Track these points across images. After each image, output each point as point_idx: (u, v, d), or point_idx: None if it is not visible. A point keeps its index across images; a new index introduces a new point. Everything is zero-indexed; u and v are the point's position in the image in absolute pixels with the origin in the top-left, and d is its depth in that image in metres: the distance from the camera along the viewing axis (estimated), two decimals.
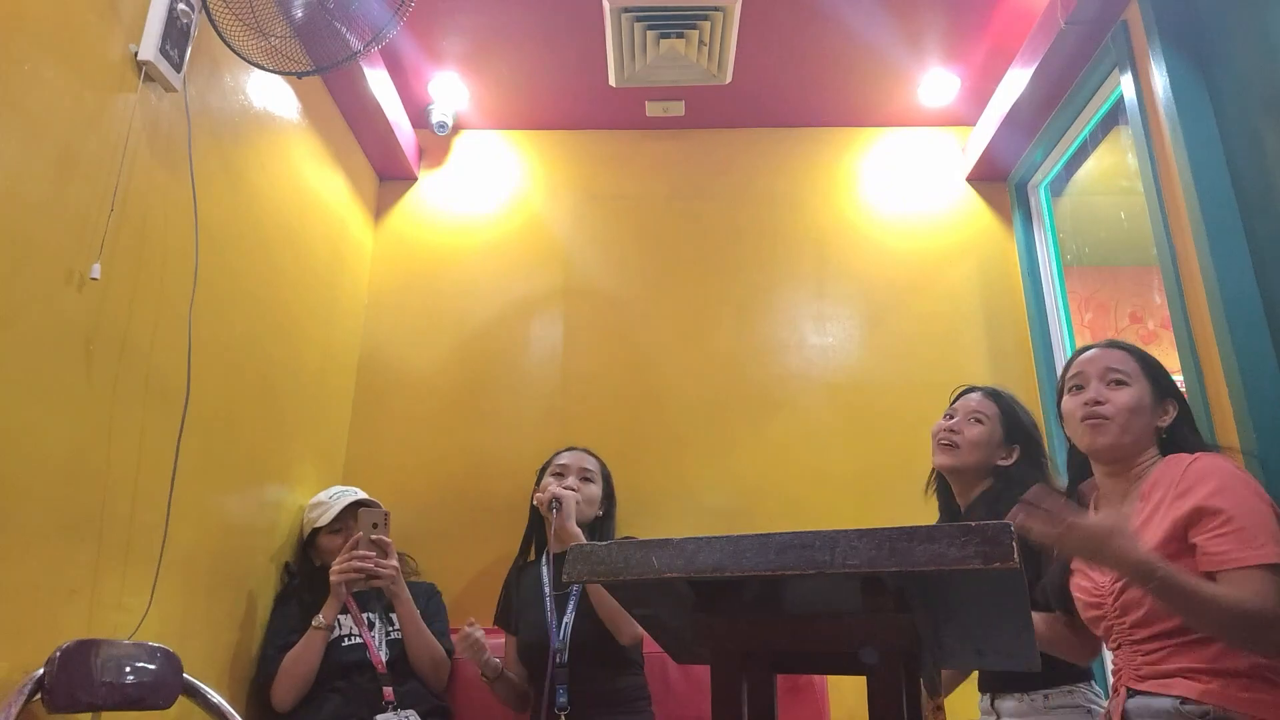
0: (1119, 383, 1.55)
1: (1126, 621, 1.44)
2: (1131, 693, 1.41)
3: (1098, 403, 1.54)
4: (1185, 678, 1.35)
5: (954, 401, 2.04)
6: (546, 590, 2.09)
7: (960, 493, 1.95)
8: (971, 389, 2.03)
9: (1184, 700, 1.32)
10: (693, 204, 3.09)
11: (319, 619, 2.05)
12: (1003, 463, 1.90)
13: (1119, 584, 1.45)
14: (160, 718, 1.67)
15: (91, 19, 1.58)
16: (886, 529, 0.85)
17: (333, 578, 2.07)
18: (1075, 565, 1.58)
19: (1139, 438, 1.53)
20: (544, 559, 2.17)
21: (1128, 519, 1.44)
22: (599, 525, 2.26)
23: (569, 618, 2.04)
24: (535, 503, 2.16)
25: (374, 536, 2.10)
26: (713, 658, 0.94)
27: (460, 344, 2.91)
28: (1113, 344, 1.63)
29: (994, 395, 1.98)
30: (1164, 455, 1.53)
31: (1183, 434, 1.55)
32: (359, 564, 2.07)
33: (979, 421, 1.93)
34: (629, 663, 2.08)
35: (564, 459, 2.29)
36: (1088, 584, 1.54)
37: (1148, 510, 1.46)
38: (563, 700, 1.92)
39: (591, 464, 2.30)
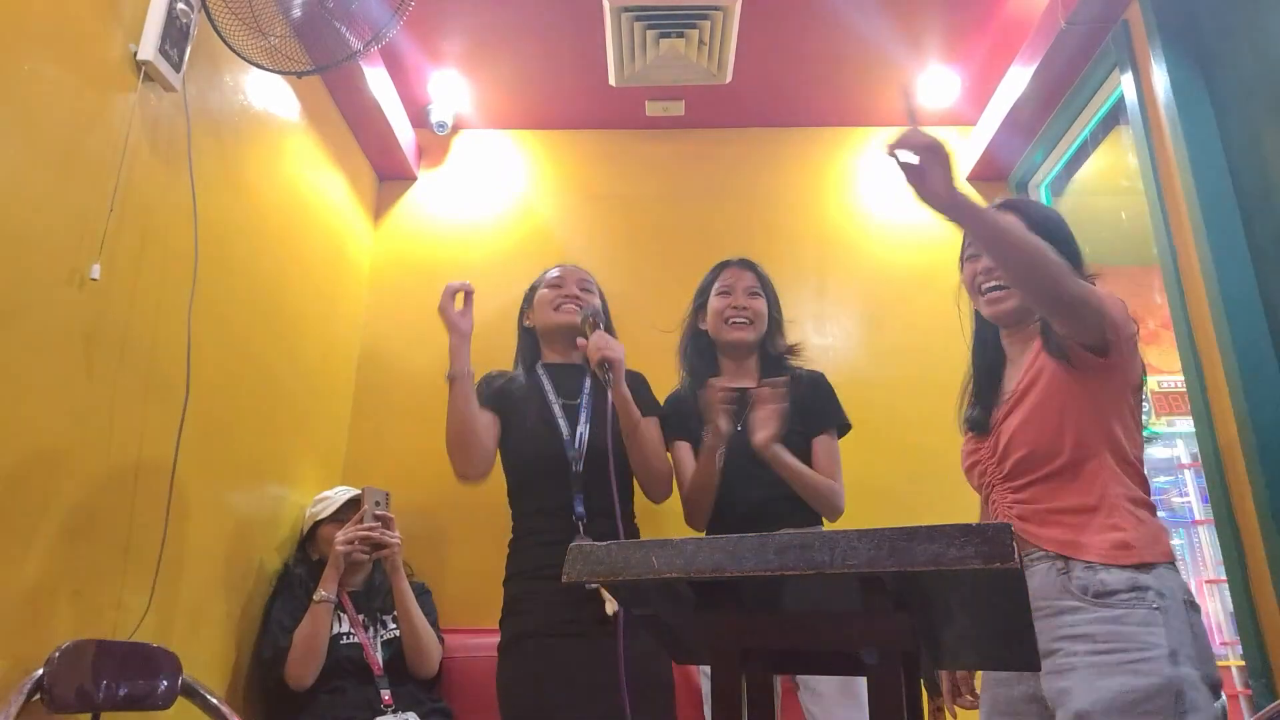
0: None
1: (1005, 467, 1.45)
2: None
3: (991, 270, 1.53)
4: (1058, 525, 1.36)
5: None
6: (552, 399, 1.97)
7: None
8: None
9: (1061, 560, 1.32)
10: (692, 204, 3.09)
11: (320, 593, 2.08)
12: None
13: (1001, 434, 1.47)
14: (159, 718, 1.67)
15: (91, 19, 1.58)
16: (886, 529, 0.85)
17: (338, 547, 2.09)
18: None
19: None
20: (539, 370, 2.03)
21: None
22: None
23: (583, 428, 1.93)
24: (584, 360, 1.94)
25: (378, 512, 2.15)
26: (713, 658, 0.94)
27: None
28: (994, 205, 1.59)
29: None
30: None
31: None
32: (365, 533, 2.10)
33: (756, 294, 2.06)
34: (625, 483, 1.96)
35: (556, 272, 2.10)
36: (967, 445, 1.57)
37: (1031, 376, 1.46)
38: (580, 510, 1.85)
39: (587, 275, 2.13)
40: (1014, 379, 1.52)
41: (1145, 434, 1.55)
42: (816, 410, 2.04)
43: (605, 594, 1.76)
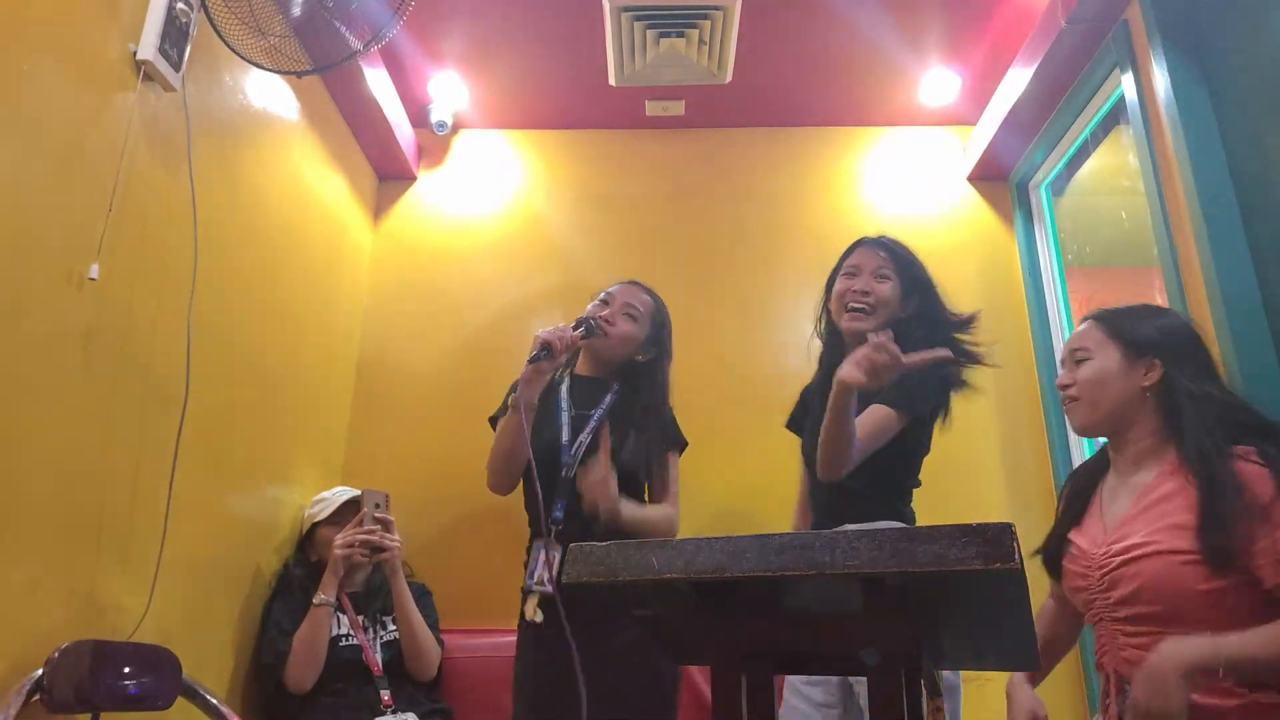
0: (1081, 360, 1.57)
1: (1111, 597, 1.42)
2: (1124, 685, 1.37)
3: (1064, 386, 1.59)
4: None
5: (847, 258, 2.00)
6: (564, 407, 2.00)
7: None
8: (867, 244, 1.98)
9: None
10: (693, 204, 3.08)
11: (319, 596, 2.08)
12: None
13: (1111, 558, 1.43)
14: (159, 718, 1.67)
15: (90, 18, 1.58)
16: (887, 529, 0.85)
17: (338, 551, 2.09)
18: (1072, 536, 1.56)
19: (1115, 408, 1.51)
20: (566, 379, 2.08)
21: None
22: (641, 370, 2.06)
23: (584, 438, 1.95)
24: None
25: (378, 515, 2.15)
26: (713, 659, 0.94)
27: (459, 344, 2.91)
28: (1084, 319, 1.64)
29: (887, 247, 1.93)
30: (1171, 424, 1.46)
31: (1182, 390, 1.45)
32: (365, 536, 2.10)
33: (885, 278, 1.88)
34: (632, 498, 1.95)
35: (614, 288, 2.10)
36: (1079, 554, 1.52)
37: (1162, 492, 1.43)
38: (559, 514, 1.86)
39: (642, 301, 2.09)
40: (1121, 498, 1.50)
41: None
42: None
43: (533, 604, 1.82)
